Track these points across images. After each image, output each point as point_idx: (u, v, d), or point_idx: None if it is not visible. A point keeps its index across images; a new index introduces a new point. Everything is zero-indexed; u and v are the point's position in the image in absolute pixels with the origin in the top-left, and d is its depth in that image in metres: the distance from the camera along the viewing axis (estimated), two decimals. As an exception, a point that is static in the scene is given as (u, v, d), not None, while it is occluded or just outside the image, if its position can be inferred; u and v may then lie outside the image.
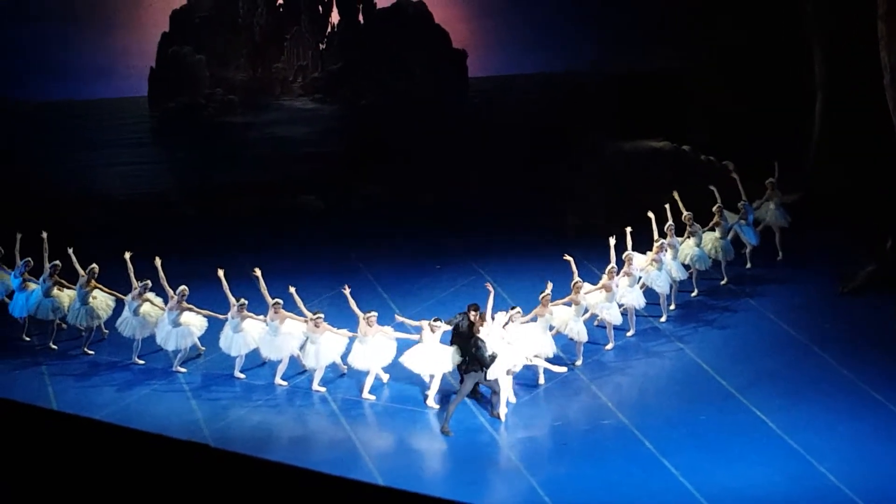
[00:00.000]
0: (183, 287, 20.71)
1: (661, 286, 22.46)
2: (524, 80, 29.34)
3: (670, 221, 22.93)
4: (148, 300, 20.96)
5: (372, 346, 20.09)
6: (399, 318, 20.63)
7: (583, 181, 27.54)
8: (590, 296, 21.28)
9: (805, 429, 18.88)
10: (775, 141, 27.88)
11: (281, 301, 20.36)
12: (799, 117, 27.53)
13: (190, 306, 20.74)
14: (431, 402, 19.76)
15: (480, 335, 19.02)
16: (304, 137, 28.89)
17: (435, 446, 18.75)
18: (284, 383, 20.56)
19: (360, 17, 28.90)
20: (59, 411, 14.23)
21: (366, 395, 20.06)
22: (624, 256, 21.94)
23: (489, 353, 18.97)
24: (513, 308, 19.96)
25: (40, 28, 26.83)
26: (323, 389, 20.31)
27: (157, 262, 20.81)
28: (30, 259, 21.72)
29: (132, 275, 21.01)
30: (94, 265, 21.34)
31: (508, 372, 19.30)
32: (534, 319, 20.31)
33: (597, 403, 19.88)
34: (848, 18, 26.22)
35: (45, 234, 21.76)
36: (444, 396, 19.81)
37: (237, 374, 20.87)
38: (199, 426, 19.26)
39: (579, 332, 20.90)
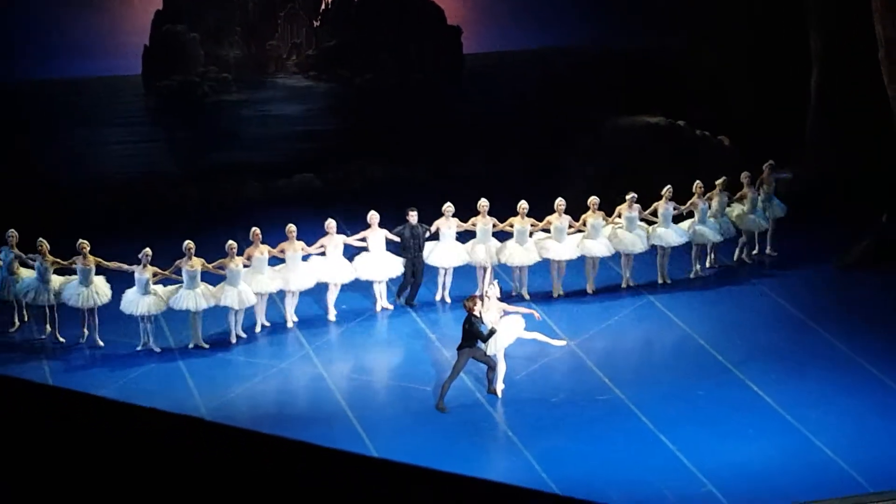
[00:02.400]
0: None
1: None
2: (520, 56, 29.24)
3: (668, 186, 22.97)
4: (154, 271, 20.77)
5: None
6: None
7: (580, 158, 27.50)
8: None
9: (801, 403, 18.92)
10: (771, 117, 27.85)
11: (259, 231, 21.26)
12: (796, 93, 27.46)
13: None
14: (384, 304, 22.15)
15: (475, 313, 19.00)
16: (300, 115, 28.81)
17: (431, 421, 18.75)
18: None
19: (355, -6, 28.80)
20: (49, 385, 14.21)
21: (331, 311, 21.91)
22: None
23: (487, 328, 18.95)
24: (491, 284, 20.00)
25: (31, 6, 26.71)
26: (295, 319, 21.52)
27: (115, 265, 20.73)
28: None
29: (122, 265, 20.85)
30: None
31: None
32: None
33: (593, 379, 19.88)
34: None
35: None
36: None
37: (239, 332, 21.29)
38: (196, 403, 19.27)
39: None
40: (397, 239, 22.12)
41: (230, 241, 21.03)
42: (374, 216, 22.01)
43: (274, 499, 3.94)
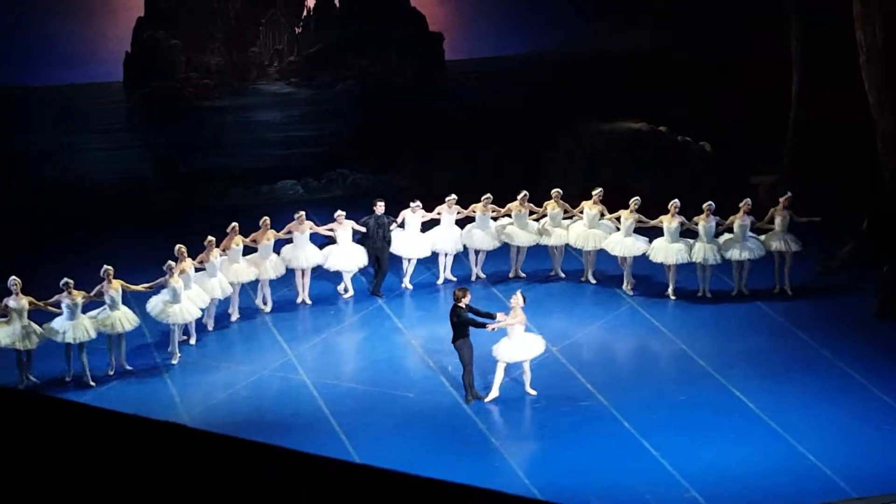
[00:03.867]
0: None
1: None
2: (501, 62, 29.25)
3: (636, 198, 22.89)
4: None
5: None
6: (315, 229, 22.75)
7: (560, 163, 27.52)
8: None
9: (784, 409, 18.93)
10: (753, 122, 27.90)
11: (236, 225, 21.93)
12: (776, 98, 27.50)
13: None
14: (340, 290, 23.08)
15: (461, 304, 19.09)
16: (281, 121, 28.80)
17: (412, 427, 18.73)
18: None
19: (336, 1, 28.78)
20: (27, 390, 14.05)
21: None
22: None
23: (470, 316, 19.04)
24: (515, 295, 19.95)
25: (12, 13, 26.64)
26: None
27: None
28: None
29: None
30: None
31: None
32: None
33: (576, 385, 19.88)
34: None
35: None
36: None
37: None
38: (178, 410, 19.23)
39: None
40: (363, 229, 22.86)
41: (209, 237, 21.36)
42: (340, 213, 22.92)
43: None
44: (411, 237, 23.24)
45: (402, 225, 23.24)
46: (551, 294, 23.20)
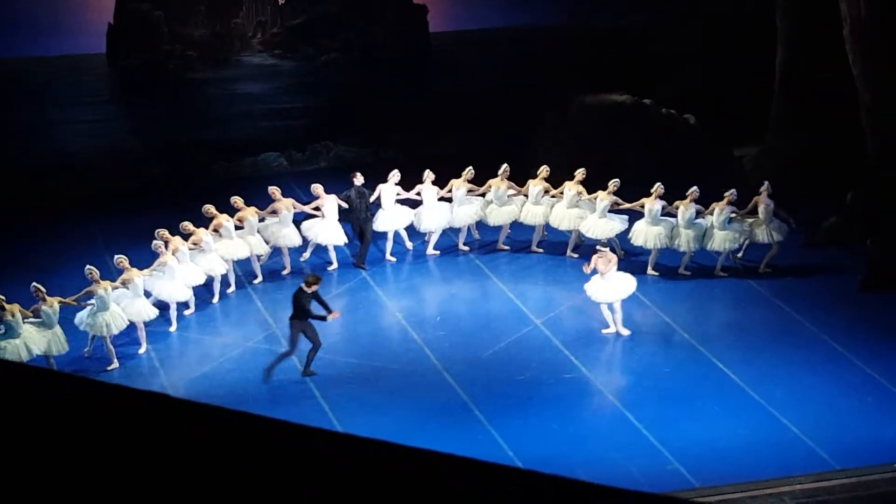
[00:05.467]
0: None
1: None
2: (485, 35, 29.22)
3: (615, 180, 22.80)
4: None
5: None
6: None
7: (546, 136, 27.50)
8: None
9: (767, 381, 18.97)
10: (737, 95, 27.91)
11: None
12: (761, 71, 27.50)
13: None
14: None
15: (308, 290, 19.21)
16: (265, 93, 28.75)
17: (396, 399, 18.74)
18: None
19: (320, -28, 28.69)
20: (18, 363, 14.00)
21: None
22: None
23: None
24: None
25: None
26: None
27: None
28: None
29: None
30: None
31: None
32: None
33: (559, 357, 19.90)
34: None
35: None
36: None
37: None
38: (161, 381, 19.22)
39: None
40: (346, 205, 22.88)
41: (185, 223, 21.49)
42: (318, 186, 22.94)
43: (242, 475, 3.91)
44: (388, 210, 23.18)
45: (378, 201, 23.15)
46: (533, 266, 23.19)
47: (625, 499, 3.81)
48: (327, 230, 22.89)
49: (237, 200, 22.39)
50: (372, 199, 23.06)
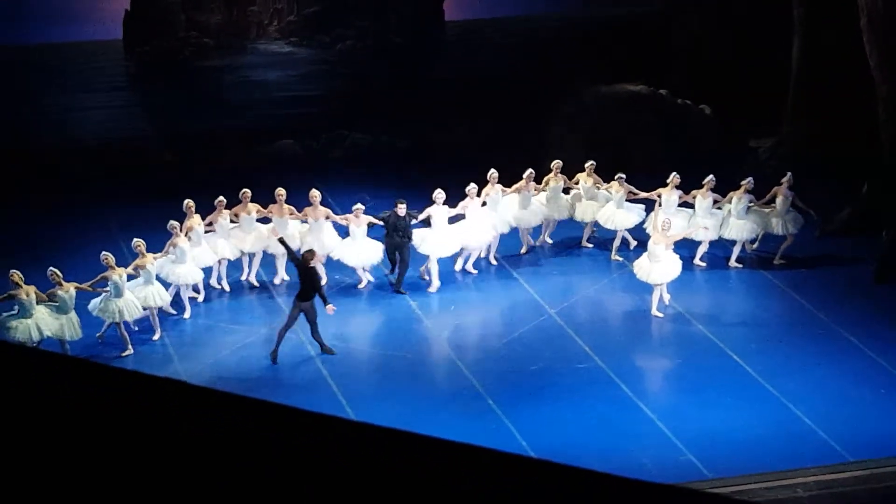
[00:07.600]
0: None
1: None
2: (501, 23, 29.20)
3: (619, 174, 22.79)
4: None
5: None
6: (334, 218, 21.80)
7: (560, 125, 27.48)
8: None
9: (781, 373, 18.94)
10: (753, 86, 27.86)
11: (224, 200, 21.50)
12: (778, 61, 27.45)
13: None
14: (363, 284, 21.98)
15: (311, 265, 19.33)
16: (281, 81, 28.76)
17: (409, 388, 18.75)
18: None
19: (336, -40, 28.68)
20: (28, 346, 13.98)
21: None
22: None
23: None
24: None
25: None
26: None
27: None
28: None
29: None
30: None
31: None
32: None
33: (573, 347, 19.89)
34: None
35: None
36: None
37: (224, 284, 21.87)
38: (176, 368, 19.24)
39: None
40: (380, 223, 21.61)
41: (220, 198, 21.50)
42: (359, 206, 21.69)
43: (256, 462, 3.92)
44: (438, 233, 21.87)
45: (427, 222, 21.87)
46: (548, 256, 23.19)
47: (637, 489, 3.81)
48: (353, 250, 21.73)
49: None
50: (420, 218, 21.74)
